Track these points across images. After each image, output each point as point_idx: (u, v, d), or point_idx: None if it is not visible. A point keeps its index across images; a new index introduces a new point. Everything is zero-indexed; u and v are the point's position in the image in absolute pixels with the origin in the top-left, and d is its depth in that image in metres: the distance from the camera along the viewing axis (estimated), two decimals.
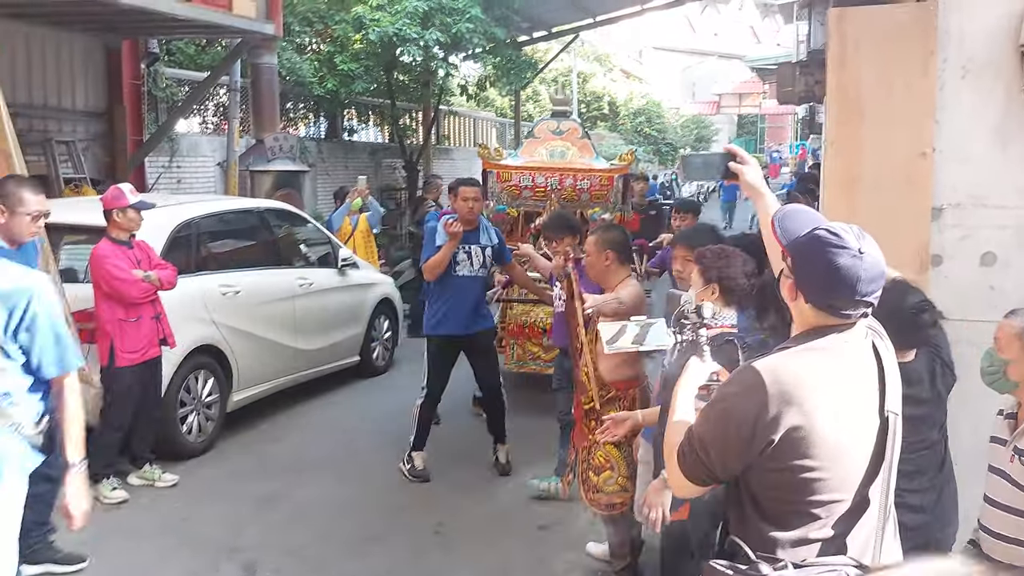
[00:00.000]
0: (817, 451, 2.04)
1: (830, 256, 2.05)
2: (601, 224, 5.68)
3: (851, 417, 2.09)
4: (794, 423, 2.02)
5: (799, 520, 2.10)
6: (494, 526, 5.62)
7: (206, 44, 14.30)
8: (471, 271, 6.26)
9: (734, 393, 2.11)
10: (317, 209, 14.30)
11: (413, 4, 13.78)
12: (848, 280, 2.04)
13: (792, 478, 2.07)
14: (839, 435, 2.06)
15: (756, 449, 2.06)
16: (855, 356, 2.14)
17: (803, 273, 2.13)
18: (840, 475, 2.08)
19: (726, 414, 2.10)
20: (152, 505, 5.80)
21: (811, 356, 2.10)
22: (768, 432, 2.04)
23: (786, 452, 2.05)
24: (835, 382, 2.08)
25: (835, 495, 2.09)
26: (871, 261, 2.06)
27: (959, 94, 3.88)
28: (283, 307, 7.63)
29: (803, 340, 2.14)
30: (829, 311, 2.10)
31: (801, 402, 2.03)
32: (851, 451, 2.10)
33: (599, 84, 37.24)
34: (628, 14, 20.53)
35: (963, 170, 3.90)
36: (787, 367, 2.08)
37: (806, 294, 2.13)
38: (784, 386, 2.03)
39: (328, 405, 8.14)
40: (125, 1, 8.20)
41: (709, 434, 2.12)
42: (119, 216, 5.79)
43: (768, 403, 2.03)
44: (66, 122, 10.36)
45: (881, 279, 2.09)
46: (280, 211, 8.45)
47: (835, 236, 2.07)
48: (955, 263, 3.96)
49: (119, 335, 5.73)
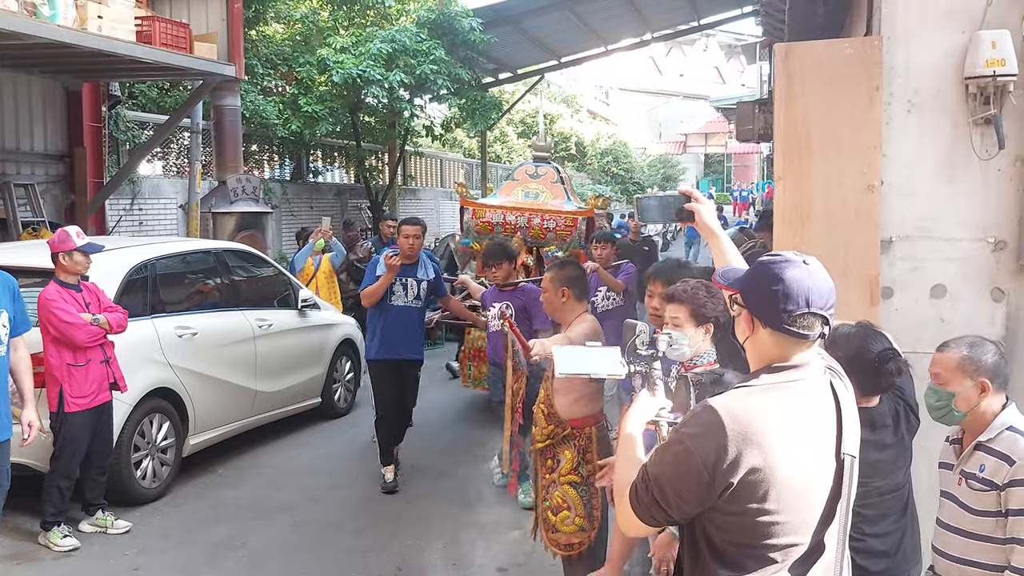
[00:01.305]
0: (775, 493, 2.00)
1: (777, 271, 2.07)
2: (556, 261, 5.69)
3: (809, 458, 2.05)
4: (753, 464, 1.98)
5: (755, 564, 2.05)
6: (454, 568, 5.53)
7: (169, 87, 14.25)
8: (405, 301, 6.79)
9: (692, 434, 2.04)
10: (282, 251, 14.24)
11: (377, 46, 13.86)
12: (799, 290, 2.04)
13: (749, 521, 2.02)
14: (797, 477, 2.02)
15: (716, 492, 2.01)
16: (813, 395, 2.11)
17: (754, 299, 2.13)
18: (798, 518, 2.04)
19: (685, 455, 2.03)
20: (103, 553, 5.64)
21: (769, 394, 2.06)
22: (728, 475, 1.98)
23: (744, 495, 2.00)
24: (793, 422, 2.04)
25: (792, 538, 2.04)
26: (818, 273, 2.08)
27: (906, 127, 3.92)
28: (242, 349, 7.52)
29: (760, 376, 2.11)
30: (787, 333, 2.07)
31: (760, 442, 1.98)
32: (809, 494, 2.06)
33: (566, 125, 37.55)
34: (593, 55, 20.74)
35: (911, 203, 3.93)
36: (746, 406, 2.03)
37: (761, 317, 2.11)
38: (743, 426, 1.99)
39: (289, 447, 8.01)
40: (84, 44, 8.13)
41: (665, 475, 2.06)
42: (65, 259, 5.70)
43: (728, 444, 1.98)
44: (25, 165, 10.25)
45: (831, 295, 2.08)
46: (239, 252, 8.36)
47: (777, 256, 2.13)
48: (906, 295, 3.97)
49: (68, 380, 5.62)
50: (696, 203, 2.68)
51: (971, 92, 3.86)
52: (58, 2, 7.65)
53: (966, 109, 3.90)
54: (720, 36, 46.32)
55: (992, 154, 3.86)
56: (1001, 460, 2.88)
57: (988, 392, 2.94)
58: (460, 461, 7.58)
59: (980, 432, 2.97)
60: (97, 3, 8.22)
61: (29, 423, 4.94)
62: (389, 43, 14.00)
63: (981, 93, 3.84)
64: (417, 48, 14.21)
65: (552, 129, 35.61)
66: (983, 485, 2.91)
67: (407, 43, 14.12)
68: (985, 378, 2.93)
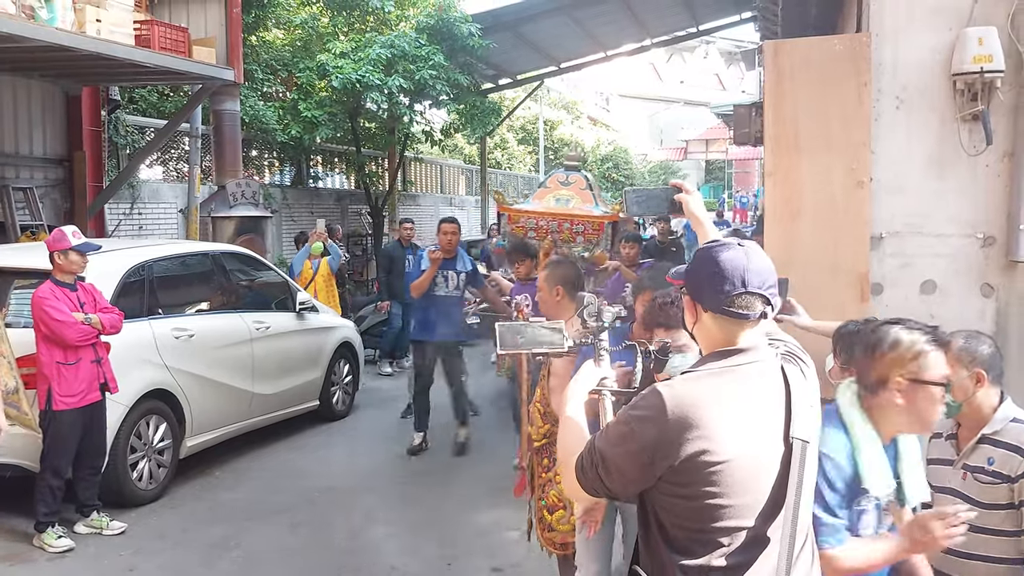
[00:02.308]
0: (720, 477, 2.01)
1: (712, 255, 2.13)
2: (551, 261, 5.70)
3: (756, 442, 2.06)
4: (696, 448, 2.00)
5: (703, 548, 2.06)
6: (449, 568, 5.53)
7: (169, 92, 14.28)
8: (446, 291, 7.79)
9: (636, 416, 2.09)
10: (282, 255, 14.25)
11: (376, 52, 13.89)
12: (734, 270, 2.08)
13: (696, 504, 2.04)
14: (743, 461, 2.03)
15: (655, 473, 2.04)
16: (761, 379, 2.12)
17: (694, 283, 2.19)
18: (745, 502, 2.05)
19: (628, 436, 2.08)
20: (98, 554, 5.65)
21: (714, 380, 2.09)
22: (668, 457, 2.02)
23: (689, 478, 2.02)
24: (739, 406, 2.06)
25: (740, 522, 2.05)
26: (755, 252, 2.12)
27: (894, 124, 3.93)
28: (239, 351, 7.53)
29: (707, 362, 2.14)
30: (727, 314, 2.10)
31: (702, 427, 2.00)
32: (756, 477, 2.06)
33: (566, 131, 37.59)
34: (593, 61, 20.78)
35: (900, 199, 3.94)
36: (690, 391, 2.06)
37: (701, 301, 2.15)
38: (685, 410, 2.01)
39: (287, 450, 8.02)
40: (83, 47, 8.16)
41: (609, 452, 2.10)
42: (60, 258, 5.73)
43: (668, 427, 2.01)
44: (24, 168, 10.27)
45: (770, 275, 2.11)
46: (237, 255, 8.39)
47: (714, 242, 2.20)
48: (896, 291, 3.98)
49: (57, 378, 5.63)
50: (685, 194, 2.74)
51: (959, 88, 3.87)
52: (56, 5, 7.67)
53: (954, 105, 3.91)
54: (720, 43, 46.36)
55: (980, 150, 3.87)
56: (1011, 452, 2.90)
57: (984, 383, 2.95)
58: (458, 462, 7.59)
59: (980, 426, 2.98)
60: (95, 7, 8.25)
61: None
62: (388, 48, 14.03)
63: (969, 89, 3.85)
64: (416, 53, 14.23)
65: (552, 135, 35.65)
66: (992, 478, 2.92)
67: (406, 48, 14.14)
68: (981, 368, 2.95)
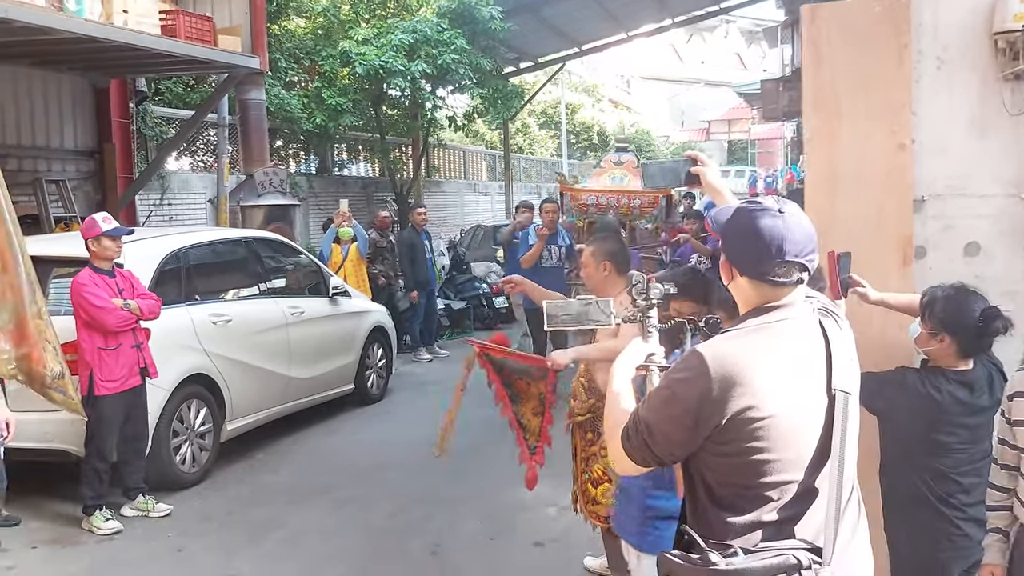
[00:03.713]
0: (765, 432, 2.02)
1: (751, 219, 2.10)
2: (597, 235, 5.69)
3: (799, 396, 2.07)
4: (740, 406, 2.01)
5: (751, 504, 2.07)
6: (491, 544, 5.57)
7: (195, 83, 14.38)
8: (551, 263, 9.06)
9: (679, 379, 2.09)
10: (309, 243, 14.34)
11: (398, 37, 13.91)
12: (772, 240, 2.06)
13: (743, 461, 2.04)
14: (788, 414, 2.03)
15: (702, 434, 2.05)
16: (798, 333, 2.12)
17: (732, 245, 2.17)
18: (791, 456, 2.06)
19: (671, 399, 2.08)
20: (145, 535, 5.74)
21: (753, 336, 2.09)
22: (713, 416, 2.02)
23: (735, 435, 2.03)
24: (780, 361, 2.06)
25: (787, 476, 2.06)
26: (794, 221, 2.09)
27: (935, 85, 3.89)
28: (275, 336, 7.60)
29: (746, 320, 2.14)
30: (762, 279, 2.10)
31: (745, 384, 2.01)
32: (801, 431, 2.07)
33: (588, 114, 37.47)
34: (614, 42, 20.70)
35: (942, 161, 3.91)
36: (730, 349, 2.07)
37: (738, 266, 2.15)
38: (728, 368, 2.02)
39: (324, 434, 8.09)
40: (111, 38, 8.24)
41: (654, 419, 2.11)
42: (94, 245, 5.80)
43: (712, 387, 2.01)
44: (56, 161, 10.39)
45: (810, 242, 2.10)
46: (270, 241, 8.45)
47: (754, 202, 2.16)
48: (939, 254, 3.95)
49: (98, 364, 5.71)
50: (701, 166, 2.74)
51: (1000, 47, 3.83)
52: None
53: (995, 65, 3.86)
54: (740, 22, 46.00)
55: (1022, 109, 3.83)
56: None
57: None
58: (495, 439, 7.61)
59: None
60: None
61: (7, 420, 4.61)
62: (410, 34, 14.05)
63: (1010, 48, 3.80)
64: (438, 38, 14.24)
65: (573, 119, 35.55)
66: None
67: (428, 33, 14.15)
68: None
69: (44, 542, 5.62)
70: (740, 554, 2.04)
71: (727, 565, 2.02)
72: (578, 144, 36.51)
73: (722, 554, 2.04)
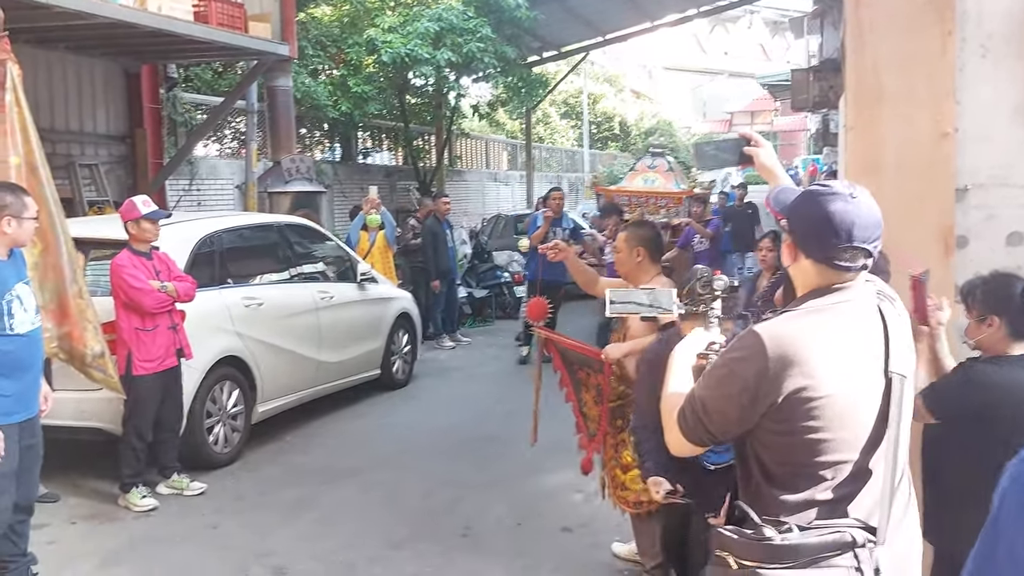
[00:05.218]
0: (821, 412, 2.04)
1: (822, 203, 2.10)
2: (631, 222, 5.72)
3: (855, 377, 2.09)
4: (796, 385, 2.03)
5: (806, 483, 2.10)
6: (520, 528, 5.61)
7: (223, 70, 14.46)
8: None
9: (735, 358, 2.12)
10: (335, 230, 14.42)
11: (424, 25, 13.94)
12: (843, 224, 2.06)
13: (798, 440, 2.07)
14: (844, 395, 2.06)
15: (757, 412, 2.08)
16: (857, 316, 2.13)
17: (799, 228, 2.17)
18: (846, 436, 2.08)
19: (728, 377, 2.12)
20: (181, 512, 5.82)
21: (812, 317, 2.11)
22: (769, 395, 2.05)
23: (790, 414, 2.05)
24: (838, 342, 2.08)
25: (842, 455, 2.08)
26: (865, 206, 2.09)
27: (979, 73, 3.88)
28: (305, 320, 7.67)
29: (804, 301, 2.16)
30: (828, 263, 2.11)
31: (802, 363, 2.03)
32: (857, 411, 2.09)
33: (609, 104, 37.36)
34: (638, 31, 20.66)
35: (985, 149, 3.89)
36: (787, 329, 2.09)
37: (804, 248, 2.15)
38: (784, 348, 2.04)
39: (352, 417, 8.16)
40: (145, 23, 8.31)
41: (710, 397, 2.14)
42: (133, 228, 5.88)
43: (768, 366, 2.04)
44: (88, 146, 10.50)
45: (878, 228, 2.10)
46: (300, 226, 8.51)
47: (825, 186, 2.15)
48: (981, 244, 3.93)
49: (136, 344, 5.79)
50: (755, 146, 2.74)
51: None
52: None
53: None
54: (765, 12, 45.72)
55: None
56: None
57: None
58: (516, 429, 7.65)
59: None
60: None
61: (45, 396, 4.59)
62: (436, 22, 14.08)
63: None
64: (464, 26, 14.26)
65: (595, 109, 35.48)
66: None
67: (454, 21, 14.18)
68: None
69: (83, 518, 5.70)
70: (795, 530, 2.07)
71: (782, 540, 2.06)
72: (599, 134, 36.45)
73: (777, 530, 2.07)
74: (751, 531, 2.11)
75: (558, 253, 4.93)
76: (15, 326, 4.14)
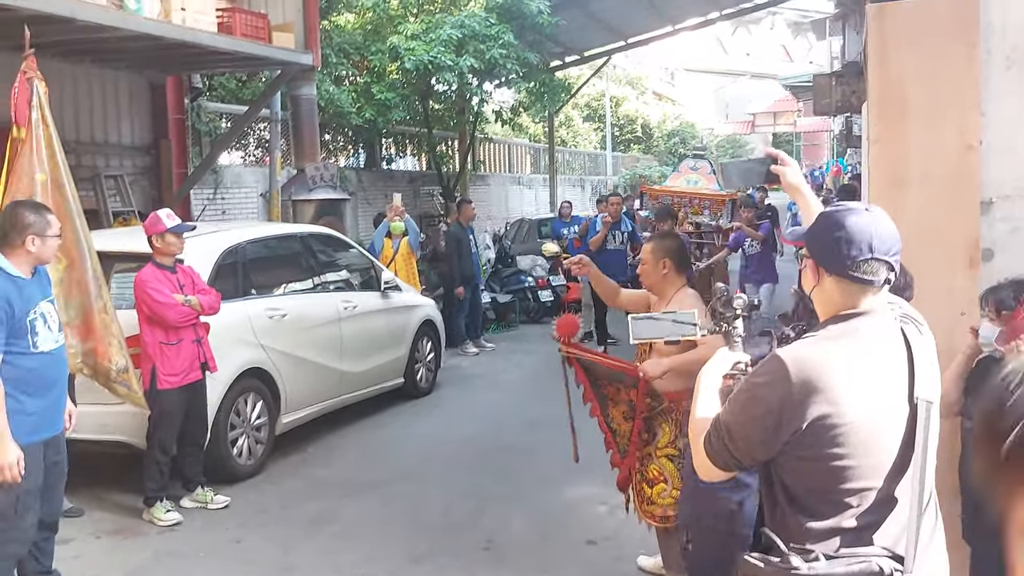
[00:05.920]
0: (846, 439, 2.03)
1: (839, 218, 2.13)
2: (656, 233, 5.71)
3: (879, 403, 2.08)
4: (821, 412, 2.03)
5: (832, 510, 2.09)
6: (543, 541, 5.59)
7: (247, 79, 14.54)
8: (614, 246, 11.03)
9: (760, 383, 2.12)
10: (359, 237, 14.47)
11: (447, 32, 13.95)
12: (862, 236, 2.08)
13: (823, 467, 2.06)
14: (868, 421, 2.05)
15: (782, 438, 2.07)
16: (881, 341, 2.13)
17: (818, 247, 2.19)
18: (871, 463, 2.07)
19: (752, 403, 2.12)
20: (205, 527, 5.84)
21: (836, 343, 2.10)
22: (793, 421, 2.04)
23: (815, 441, 2.05)
24: (861, 368, 2.07)
25: (867, 483, 2.07)
26: (882, 219, 2.13)
27: (1004, 85, 3.84)
28: (329, 330, 7.69)
29: (828, 326, 2.16)
30: (849, 278, 2.11)
31: (826, 390, 2.02)
32: (881, 438, 2.08)
33: (632, 107, 37.28)
34: (660, 35, 20.59)
35: (1010, 162, 3.85)
36: (810, 354, 2.08)
37: (825, 264, 2.16)
38: (808, 373, 2.04)
39: (375, 427, 8.17)
40: (170, 36, 8.37)
41: (735, 422, 2.14)
42: (158, 241, 5.90)
43: (792, 391, 2.04)
44: (113, 157, 10.58)
45: (896, 241, 2.12)
46: (323, 236, 8.55)
47: (840, 205, 2.20)
48: (1006, 257, 3.89)
49: (160, 358, 5.82)
50: (782, 165, 2.75)
51: None
52: None
53: None
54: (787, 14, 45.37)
55: None
56: None
57: None
58: (538, 441, 7.64)
59: None
60: None
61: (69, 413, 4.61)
62: (459, 29, 14.09)
63: None
64: (486, 33, 14.26)
65: (617, 112, 35.40)
66: None
67: (476, 28, 14.18)
68: None
69: (107, 532, 5.74)
70: (822, 559, 2.05)
71: (809, 569, 2.04)
72: (622, 137, 36.36)
73: (803, 558, 2.05)
74: (778, 559, 2.10)
75: (581, 268, 4.92)
76: (39, 344, 4.18)
